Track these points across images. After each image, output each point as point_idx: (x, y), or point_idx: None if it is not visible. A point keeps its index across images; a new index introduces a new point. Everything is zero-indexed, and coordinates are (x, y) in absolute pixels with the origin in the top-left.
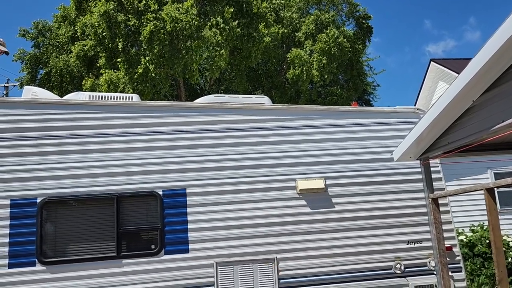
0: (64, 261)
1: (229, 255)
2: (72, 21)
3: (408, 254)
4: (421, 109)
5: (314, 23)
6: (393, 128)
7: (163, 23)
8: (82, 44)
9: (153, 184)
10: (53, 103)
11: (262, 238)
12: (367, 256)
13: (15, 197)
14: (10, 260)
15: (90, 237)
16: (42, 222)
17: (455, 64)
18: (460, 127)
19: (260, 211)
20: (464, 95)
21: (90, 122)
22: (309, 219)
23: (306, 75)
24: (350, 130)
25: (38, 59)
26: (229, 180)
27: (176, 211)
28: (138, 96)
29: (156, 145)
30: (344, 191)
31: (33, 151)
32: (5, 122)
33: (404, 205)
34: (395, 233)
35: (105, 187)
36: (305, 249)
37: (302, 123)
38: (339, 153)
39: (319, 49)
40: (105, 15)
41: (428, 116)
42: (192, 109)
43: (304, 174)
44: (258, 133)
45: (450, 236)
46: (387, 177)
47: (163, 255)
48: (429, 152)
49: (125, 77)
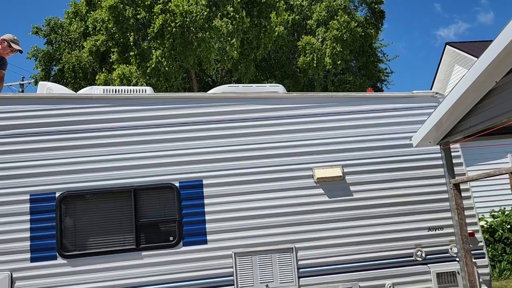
0: (84, 254)
1: (248, 246)
2: (83, 16)
3: (429, 241)
4: (440, 93)
5: (325, 10)
6: (411, 113)
7: (173, 16)
8: (94, 39)
9: (169, 176)
10: (69, 98)
11: (280, 228)
12: (387, 243)
13: (34, 192)
14: (32, 254)
15: (109, 230)
16: (62, 216)
17: (471, 47)
18: (482, 110)
19: (277, 201)
20: (487, 77)
21: (105, 116)
22: (327, 208)
23: (317, 63)
24: (367, 116)
25: (51, 55)
26: (246, 171)
27: (193, 202)
28: (151, 88)
29: (171, 137)
30: (362, 178)
31: (50, 146)
32: (22, 118)
33: (424, 192)
34: (415, 220)
35: (122, 180)
36: (324, 238)
37: (318, 111)
38: (356, 140)
39: (332, 37)
40: (111, 9)
41: (448, 100)
42: (206, 100)
43: (321, 162)
44: (274, 122)
45: (472, 222)
46: (405, 163)
47: (181, 246)
48: (449, 136)
49: (138, 71)
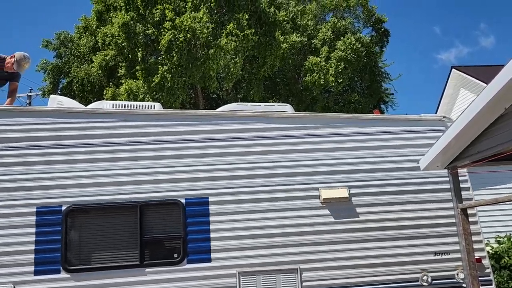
0: (88, 269)
1: (252, 265)
2: (93, 31)
3: (435, 266)
4: (447, 117)
5: (331, 30)
6: (418, 136)
7: (181, 31)
8: (103, 54)
9: (175, 192)
10: (78, 112)
11: (285, 248)
12: (393, 267)
13: (41, 205)
14: (36, 268)
15: (114, 245)
16: (67, 229)
17: (477, 71)
18: (490, 136)
19: (283, 220)
20: (496, 103)
21: (114, 130)
22: (332, 229)
23: (324, 81)
24: (374, 138)
25: (60, 69)
26: (252, 189)
27: (199, 219)
28: (160, 104)
29: (179, 153)
30: (368, 200)
31: (59, 159)
32: (31, 131)
33: (431, 215)
34: (422, 244)
35: (129, 195)
36: (329, 259)
37: (325, 131)
38: (363, 162)
39: (337, 57)
40: (124, 26)
41: (457, 125)
42: (214, 117)
43: (327, 183)
44: (281, 141)
45: (479, 248)
46: (412, 186)
47: (185, 264)
48: (457, 161)
49: (144, 86)
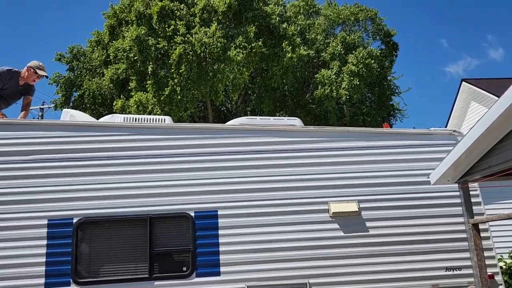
0: (98, 281)
1: (261, 279)
2: (105, 45)
3: (447, 282)
4: (458, 131)
5: (341, 44)
6: (428, 150)
7: (192, 46)
8: (115, 67)
9: (185, 205)
10: (89, 126)
11: (294, 262)
12: (403, 282)
13: (52, 217)
14: (46, 280)
15: (124, 258)
16: (78, 242)
17: (488, 84)
18: (502, 150)
19: (292, 234)
20: (507, 117)
21: (125, 144)
22: (342, 243)
23: (336, 94)
24: (384, 152)
25: (72, 82)
26: (261, 203)
27: (208, 233)
28: (170, 118)
29: (189, 166)
30: (378, 214)
31: (70, 172)
32: (43, 144)
33: (442, 230)
34: (433, 259)
35: (139, 208)
36: (338, 274)
37: (335, 145)
38: (372, 176)
39: (349, 71)
40: (136, 39)
41: (467, 139)
42: (224, 131)
43: (337, 197)
44: (290, 155)
45: (492, 264)
46: (422, 200)
47: (194, 277)
48: (468, 175)
49: (154, 98)
